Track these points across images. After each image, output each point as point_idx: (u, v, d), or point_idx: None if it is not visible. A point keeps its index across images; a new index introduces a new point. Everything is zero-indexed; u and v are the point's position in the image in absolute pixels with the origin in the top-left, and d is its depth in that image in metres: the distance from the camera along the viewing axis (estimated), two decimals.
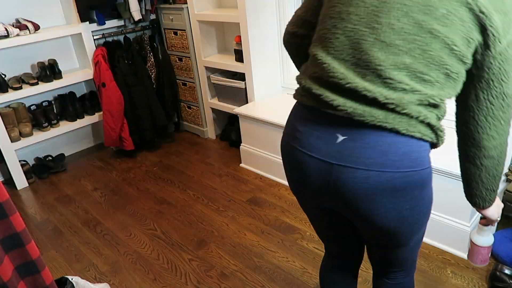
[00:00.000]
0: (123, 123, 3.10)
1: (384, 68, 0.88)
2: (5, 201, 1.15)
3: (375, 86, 0.88)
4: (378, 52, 0.88)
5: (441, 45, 0.86)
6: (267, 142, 2.65)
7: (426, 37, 0.86)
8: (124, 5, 2.99)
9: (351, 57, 0.91)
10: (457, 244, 1.90)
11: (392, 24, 0.87)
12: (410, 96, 0.89)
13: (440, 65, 0.88)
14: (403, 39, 0.87)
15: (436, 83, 0.90)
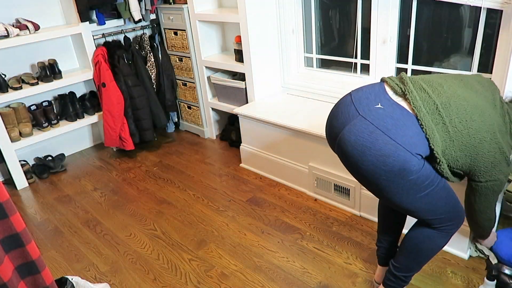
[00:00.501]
0: (123, 123, 3.10)
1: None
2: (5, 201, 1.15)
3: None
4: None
5: None
6: (267, 142, 2.65)
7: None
8: (124, 5, 2.99)
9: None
10: (457, 244, 1.90)
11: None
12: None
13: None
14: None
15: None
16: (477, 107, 1.30)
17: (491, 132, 1.30)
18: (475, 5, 1.90)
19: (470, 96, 1.33)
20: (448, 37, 2.21)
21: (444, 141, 1.28)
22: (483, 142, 1.29)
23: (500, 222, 1.97)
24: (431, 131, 1.26)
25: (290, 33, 2.84)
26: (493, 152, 1.31)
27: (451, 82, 1.37)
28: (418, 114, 1.26)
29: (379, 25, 2.33)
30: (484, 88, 1.40)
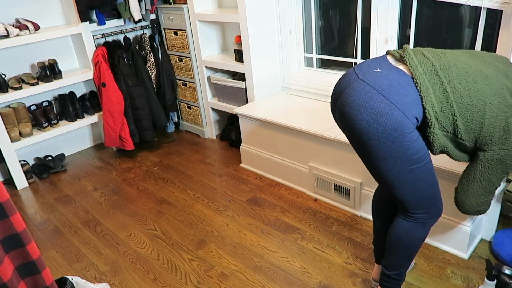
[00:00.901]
0: (123, 123, 3.10)
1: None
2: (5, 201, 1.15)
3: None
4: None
5: None
6: (267, 142, 2.65)
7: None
8: (124, 5, 2.99)
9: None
10: (457, 244, 1.90)
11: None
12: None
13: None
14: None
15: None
16: (481, 71, 1.30)
17: (500, 95, 1.28)
18: (475, 5, 1.90)
19: (474, 63, 1.32)
20: (448, 37, 2.21)
21: (440, 103, 1.27)
22: (488, 105, 1.27)
23: (500, 222, 1.97)
24: (426, 89, 1.26)
25: (290, 33, 2.84)
26: (504, 116, 1.28)
27: (456, 52, 1.38)
28: (413, 73, 1.28)
29: (379, 25, 2.33)
30: (496, 60, 1.38)
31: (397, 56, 1.35)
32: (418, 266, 1.88)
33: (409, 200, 1.41)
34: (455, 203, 1.51)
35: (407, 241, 1.47)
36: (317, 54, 2.86)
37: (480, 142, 1.33)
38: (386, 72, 1.30)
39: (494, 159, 1.34)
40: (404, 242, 1.47)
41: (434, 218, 1.46)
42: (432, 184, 1.39)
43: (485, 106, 1.27)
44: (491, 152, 1.33)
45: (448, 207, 1.88)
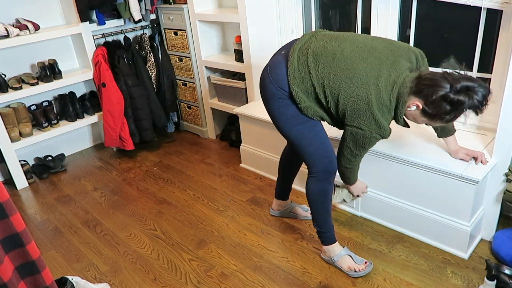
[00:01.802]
0: (123, 123, 3.10)
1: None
2: (5, 201, 1.15)
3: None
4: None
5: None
6: (267, 142, 2.65)
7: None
8: (124, 5, 2.99)
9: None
10: (457, 244, 1.90)
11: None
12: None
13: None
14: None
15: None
16: (352, 58, 1.56)
17: (359, 81, 1.53)
18: (475, 5, 1.90)
19: (352, 50, 1.58)
20: (448, 37, 2.21)
21: (304, 82, 1.63)
22: (343, 87, 1.56)
23: (500, 222, 1.97)
24: (292, 73, 1.63)
25: (290, 33, 2.84)
26: (357, 99, 1.54)
27: (350, 40, 1.62)
28: (290, 58, 1.65)
29: (379, 25, 2.33)
30: (390, 51, 1.58)
31: (297, 41, 1.70)
32: (418, 266, 1.88)
33: (301, 155, 1.81)
34: (344, 181, 1.92)
35: (311, 196, 1.84)
36: None
37: (343, 115, 1.62)
38: (281, 55, 1.72)
39: (348, 132, 1.65)
40: (310, 197, 1.85)
41: (323, 173, 1.78)
42: (314, 141, 1.74)
43: (340, 88, 1.57)
44: (346, 126, 1.65)
45: (448, 207, 1.88)
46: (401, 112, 1.56)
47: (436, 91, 1.43)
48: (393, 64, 1.55)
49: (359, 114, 1.56)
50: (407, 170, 1.95)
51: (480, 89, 1.40)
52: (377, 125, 1.57)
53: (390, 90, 1.53)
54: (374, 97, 1.52)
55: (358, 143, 1.66)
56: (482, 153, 1.81)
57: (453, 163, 1.81)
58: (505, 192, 1.85)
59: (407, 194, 2.01)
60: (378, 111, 1.54)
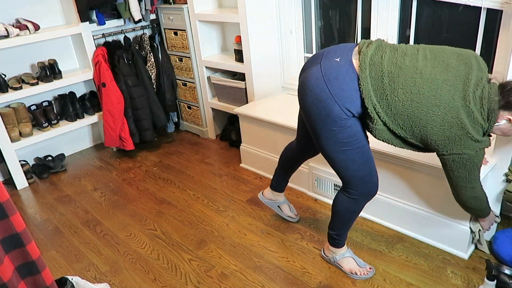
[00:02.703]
0: (123, 123, 3.10)
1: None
2: (5, 201, 1.15)
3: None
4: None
5: None
6: (267, 142, 2.65)
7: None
8: (124, 5, 2.99)
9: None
10: (457, 244, 1.91)
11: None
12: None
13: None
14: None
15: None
16: (433, 81, 1.39)
17: (447, 106, 1.38)
18: (475, 5, 1.90)
19: (431, 70, 1.40)
20: (448, 37, 2.21)
21: (382, 106, 1.44)
22: (431, 115, 1.39)
23: (500, 222, 1.97)
24: (367, 91, 1.43)
25: (290, 33, 2.84)
26: (448, 126, 1.39)
27: (419, 55, 1.45)
28: (360, 74, 1.43)
29: (379, 25, 2.33)
30: (460, 62, 1.42)
31: (360, 49, 1.48)
32: (418, 266, 1.88)
33: (342, 176, 1.66)
34: (457, 202, 1.66)
35: (341, 211, 1.74)
36: None
37: (430, 145, 1.47)
38: (341, 63, 1.46)
39: (450, 162, 1.48)
40: (340, 211, 1.75)
41: (364, 197, 1.68)
42: (362, 167, 1.60)
43: (427, 116, 1.40)
44: (441, 157, 1.49)
45: (448, 207, 1.88)
46: (491, 127, 1.44)
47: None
48: (475, 80, 1.40)
49: (456, 141, 1.41)
50: (407, 170, 1.95)
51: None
52: (478, 143, 1.43)
53: (479, 108, 1.40)
54: (467, 119, 1.39)
55: (468, 167, 1.48)
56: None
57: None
58: (505, 192, 1.85)
59: (407, 194, 2.01)
60: (475, 132, 1.40)
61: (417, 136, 1.46)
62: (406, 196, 2.02)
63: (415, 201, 2.00)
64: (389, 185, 2.06)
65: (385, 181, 2.07)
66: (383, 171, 2.05)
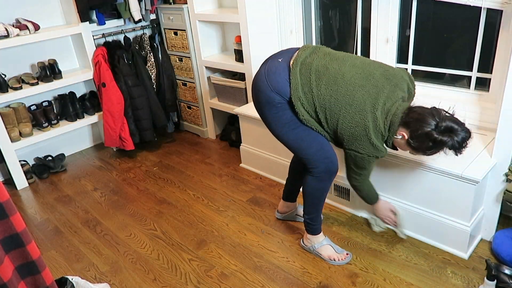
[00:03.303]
0: (123, 123, 3.10)
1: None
2: (5, 201, 1.15)
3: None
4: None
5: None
6: (267, 142, 2.65)
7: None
8: (124, 5, 2.99)
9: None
10: (457, 244, 1.91)
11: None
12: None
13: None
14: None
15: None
16: (352, 84, 1.63)
17: (358, 108, 1.62)
18: (475, 5, 1.90)
19: (353, 76, 1.64)
20: (448, 37, 2.21)
21: (307, 98, 1.69)
22: (343, 112, 1.64)
23: (500, 222, 1.97)
24: (295, 84, 1.68)
25: (290, 33, 2.84)
26: (355, 125, 1.63)
27: (347, 62, 1.69)
28: (291, 70, 1.69)
29: (379, 25, 2.33)
30: (385, 78, 1.66)
31: (298, 53, 1.74)
32: (418, 266, 1.88)
33: (301, 158, 1.84)
34: (365, 201, 1.97)
35: (308, 191, 1.88)
36: None
37: (337, 136, 1.72)
38: (281, 62, 1.74)
39: (348, 155, 1.74)
40: (308, 191, 1.89)
41: (325, 173, 1.82)
42: (313, 144, 1.77)
43: (340, 113, 1.65)
44: (345, 149, 1.73)
45: (448, 207, 1.88)
46: (390, 138, 1.66)
47: (422, 127, 1.54)
48: (389, 94, 1.63)
49: (357, 139, 1.66)
50: (407, 170, 1.95)
51: (462, 133, 1.53)
52: (374, 148, 1.66)
53: (384, 118, 1.62)
54: (371, 124, 1.62)
55: (358, 165, 1.75)
56: None
57: (453, 163, 1.81)
58: (505, 192, 1.85)
59: (407, 194, 2.01)
60: (374, 136, 1.64)
61: (330, 127, 1.71)
62: (406, 196, 2.02)
63: (415, 201, 2.00)
64: (389, 185, 2.06)
65: (385, 181, 2.07)
66: (383, 171, 2.05)
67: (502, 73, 1.95)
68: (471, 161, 1.82)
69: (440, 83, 2.27)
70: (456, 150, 1.55)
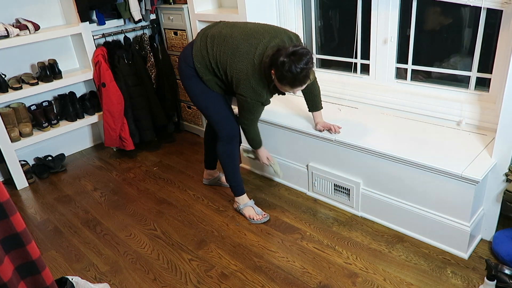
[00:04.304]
0: (123, 123, 3.10)
1: None
2: (5, 201, 1.15)
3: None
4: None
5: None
6: (267, 142, 2.64)
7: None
8: (124, 5, 2.99)
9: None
10: (457, 244, 1.91)
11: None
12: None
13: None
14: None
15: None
16: (237, 39, 1.94)
17: (241, 58, 1.91)
18: (475, 5, 1.90)
19: (239, 35, 1.95)
20: (448, 37, 2.21)
21: (204, 59, 2.02)
22: (229, 61, 1.94)
23: (500, 222, 1.97)
24: (196, 51, 2.04)
25: None
26: (239, 71, 1.92)
27: (237, 27, 2.01)
28: (195, 41, 2.08)
29: (379, 25, 2.33)
30: (265, 34, 1.93)
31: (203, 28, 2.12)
32: (418, 266, 1.88)
33: (211, 124, 2.24)
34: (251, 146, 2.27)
35: (221, 156, 2.27)
36: (317, 54, 2.86)
37: (231, 83, 2.00)
38: (194, 41, 2.10)
39: (237, 98, 2.01)
40: (221, 157, 2.27)
41: (229, 137, 2.20)
42: (219, 111, 2.16)
43: (227, 61, 1.96)
44: (236, 94, 2.00)
45: (448, 207, 1.88)
46: (271, 82, 1.89)
47: (277, 59, 1.77)
48: (266, 43, 1.89)
49: (240, 83, 1.93)
50: (407, 170, 1.95)
51: (302, 50, 1.76)
52: (255, 93, 1.93)
53: (259, 63, 1.88)
54: (251, 69, 1.89)
55: (245, 109, 2.02)
56: (335, 125, 2.20)
57: (453, 163, 1.81)
58: (505, 192, 1.84)
59: (407, 194, 2.01)
60: (254, 81, 1.90)
61: (224, 78, 2.02)
62: (406, 196, 2.02)
63: (415, 201, 2.00)
64: (389, 185, 2.06)
65: (385, 181, 2.07)
66: (384, 171, 2.05)
67: (502, 73, 1.95)
68: (471, 161, 1.82)
69: (440, 83, 2.27)
70: (299, 70, 1.75)
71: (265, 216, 2.30)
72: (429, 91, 2.28)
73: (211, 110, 2.17)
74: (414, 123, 2.24)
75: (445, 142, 2.00)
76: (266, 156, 2.32)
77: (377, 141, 2.08)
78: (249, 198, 2.40)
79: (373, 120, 2.32)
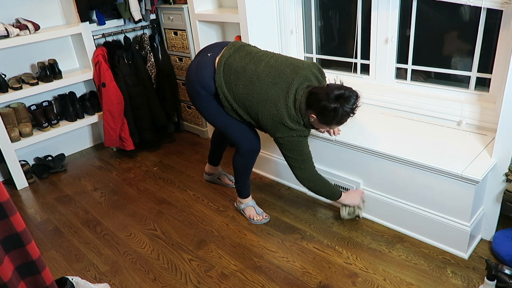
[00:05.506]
0: (123, 123, 3.10)
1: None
2: (5, 201, 1.15)
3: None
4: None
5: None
6: (267, 142, 2.64)
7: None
8: (124, 5, 2.99)
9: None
10: (457, 244, 1.91)
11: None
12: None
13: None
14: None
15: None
16: (265, 83, 1.88)
17: (272, 102, 1.87)
18: (475, 5, 1.90)
19: (266, 75, 1.89)
20: (448, 37, 2.21)
21: (230, 94, 1.96)
22: (261, 107, 1.90)
23: (500, 222, 1.97)
24: (219, 83, 1.95)
25: (290, 33, 2.84)
26: (272, 117, 1.88)
27: (262, 61, 1.93)
28: (216, 69, 1.96)
29: (379, 25, 2.33)
30: (293, 74, 1.87)
31: (224, 51, 1.99)
32: (418, 266, 1.88)
33: (229, 138, 2.20)
34: (328, 198, 2.12)
35: (236, 166, 2.25)
36: (317, 54, 2.86)
37: (262, 128, 1.99)
38: (209, 58, 2.00)
39: (277, 144, 1.98)
40: (236, 167, 2.25)
41: (248, 152, 2.17)
42: (236, 129, 2.10)
43: (258, 107, 1.91)
44: (275, 141, 1.98)
45: (448, 207, 1.88)
46: (307, 122, 1.89)
47: (318, 103, 1.78)
48: (298, 86, 1.86)
49: (278, 129, 1.91)
50: (407, 170, 1.95)
51: (349, 93, 1.77)
52: (292, 130, 1.89)
53: (294, 107, 1.85)
54: (286, 113, 1.86)
55: (291, 148, 1.94)
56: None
57: (453, 163, 1.81)
58: (505, 192, 1.84)
59: (407, 194, 2.01)
60: (291, 122, 1.87)
61: (253, 119, 1.98)
62: (406, 196, 2.02)
63: (415, 201, 2.00)
64: (389, 185, 2.06)
65: (385, 181, 2.07)
66: (384, 171, 2.05)
67: (502, 73, 1.95)
68: (471, 161, 1.82)
69: (440, 83, 2.27)
70: (350, 111, 1.78)
71: (265, 217, 2.29)
72: (429, 91, 2.28)
73: (231, 127, 2.10)
74: (414, 123, 2.24)
75: (445, 142, 2.00)
76: (360, 197, 2.12)
77: (377, 141, 2.08)
78: (250, 197, 2.38)
79: (373, 120, 2.32)
